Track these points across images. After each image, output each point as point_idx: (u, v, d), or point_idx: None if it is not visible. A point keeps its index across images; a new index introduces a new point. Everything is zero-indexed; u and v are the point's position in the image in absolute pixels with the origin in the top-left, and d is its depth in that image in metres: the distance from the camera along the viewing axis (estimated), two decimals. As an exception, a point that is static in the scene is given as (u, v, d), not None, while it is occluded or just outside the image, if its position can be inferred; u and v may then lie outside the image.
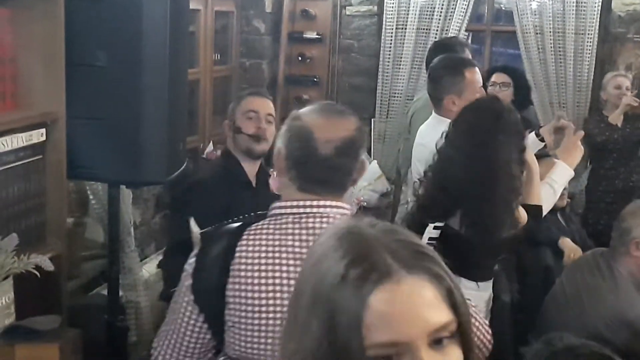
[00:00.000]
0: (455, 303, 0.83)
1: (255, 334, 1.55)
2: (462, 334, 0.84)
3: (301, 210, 1.58)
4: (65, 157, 2.33)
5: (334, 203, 1.59)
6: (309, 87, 5.14)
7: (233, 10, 4.83)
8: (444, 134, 2.45)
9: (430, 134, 2.76)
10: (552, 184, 2.75)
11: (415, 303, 0.80)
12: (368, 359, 0.78)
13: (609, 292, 2.48)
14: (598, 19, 4.64)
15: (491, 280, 2.53)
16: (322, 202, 1.58)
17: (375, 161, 4.81)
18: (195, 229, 2.06)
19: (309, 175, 1.59)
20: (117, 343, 2.63)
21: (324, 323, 0.80)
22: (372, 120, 5.07)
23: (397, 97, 4.87)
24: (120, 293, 2.83)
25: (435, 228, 2.38)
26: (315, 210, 1.58)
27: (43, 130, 2.27)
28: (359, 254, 0.82)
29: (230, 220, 1.73)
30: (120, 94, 2.31)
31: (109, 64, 2.29)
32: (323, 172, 1.58)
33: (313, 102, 1.74)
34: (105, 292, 2.76)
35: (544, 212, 2.67)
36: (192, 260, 1.59)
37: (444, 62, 3.09)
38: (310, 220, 1.56)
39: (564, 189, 3.46)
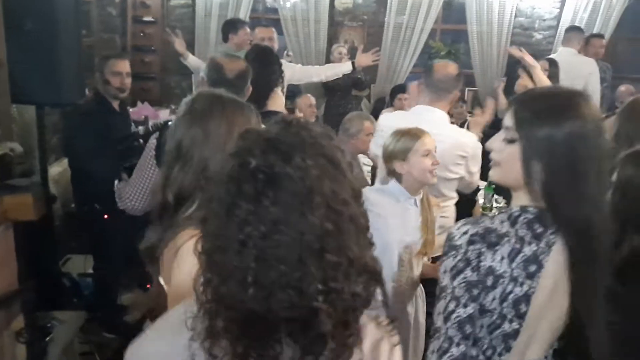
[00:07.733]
0: None
1: None
2: None
3: None
4: (8, 88, 2.80)
5: None
6: (148, 53, 6.34)
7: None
8: None
9: None
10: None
11: None
12: None
13: None
14: (327, 11, 6.49)
15: None
16: None
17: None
18: None
19: None
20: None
21: None
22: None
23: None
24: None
25: None
26: None
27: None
28: None
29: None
30: (41, 48, 2.84)
31: (33, 28, 2.81)
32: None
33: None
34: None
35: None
36: None
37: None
38: None
39: None
